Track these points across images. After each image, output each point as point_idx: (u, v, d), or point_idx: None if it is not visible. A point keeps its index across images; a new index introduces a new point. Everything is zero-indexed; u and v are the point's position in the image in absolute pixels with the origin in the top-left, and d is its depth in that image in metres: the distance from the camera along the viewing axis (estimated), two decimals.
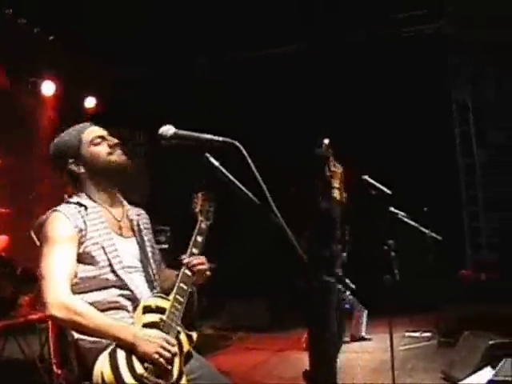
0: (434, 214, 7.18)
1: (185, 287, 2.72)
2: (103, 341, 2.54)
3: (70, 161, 2.83)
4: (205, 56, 9.60)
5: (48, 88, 8.58)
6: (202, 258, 2.82)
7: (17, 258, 6.87)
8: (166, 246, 7.17)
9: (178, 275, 2.76)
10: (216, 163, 2.49)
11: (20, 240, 6.99)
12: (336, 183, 4.99)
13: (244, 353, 7.56)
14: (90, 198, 2.82)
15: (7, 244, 6.81)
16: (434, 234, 6.94)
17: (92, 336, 2.56)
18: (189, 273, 2.75)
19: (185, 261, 2.77)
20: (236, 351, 7.54)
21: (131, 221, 2.91)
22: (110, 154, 2.84)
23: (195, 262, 2.78)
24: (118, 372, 2.44)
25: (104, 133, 2.90)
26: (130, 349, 2.50)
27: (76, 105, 8.99)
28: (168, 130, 2.52)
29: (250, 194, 2.42)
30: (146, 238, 2.93)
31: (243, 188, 2.44)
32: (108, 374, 2.42)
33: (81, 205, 2.77)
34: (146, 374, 2.47)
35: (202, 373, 2.75)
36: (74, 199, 2.80)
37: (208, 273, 2.84)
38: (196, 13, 8.42)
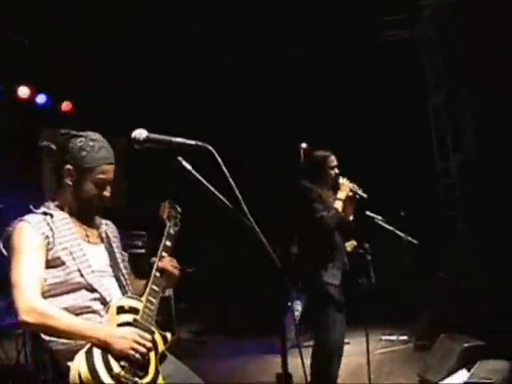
0: (411, 217, 7.23)
1: (156, 289, 2.79)
2: (77, 342, 2.55)
3: (68, 167, 2.82)
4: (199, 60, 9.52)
5: (23, 92, 8.55)
6: (172, 261, 2.91)
7: None
8: (142, 251, 7.16)
9: (148, 278, 2.82)
10: (189, 167, 2.49)
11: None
12: (341, 195, 4.97)
13: (220, 358, 7.54)
14: (59, 208, 2.85)
15: None
16: (410, 238, 6.98)
17: (65, 338, 2.58)
18: (159, 275, 2.84)
19: (155, 264, 2.85)
20: (212, 356, 7.51)
21: (98, 229, 2.96)
22: (101, 191, 2.87)
23: (165, 264, 2.88)
24: (95, 371, 2.46)
25: (111, 177, 2.88)
26: (106, 348, 2.52)
27: (52, 109, 8.95)
28: (140, 133, 2.50)
29: (222, 198, 2.42)
30: (114, 245, 2.98)
31: (216, 192, 2.44)
32: (85, 374, 2.44)
33: (47, 214, 2.79)
34: (122, 373, 2.50)
35: (179, 376, 2.79)
36: (41, 210, 2.83)
37: (177, 274, 2.92)
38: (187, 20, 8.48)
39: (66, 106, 8.93)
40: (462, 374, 5.15)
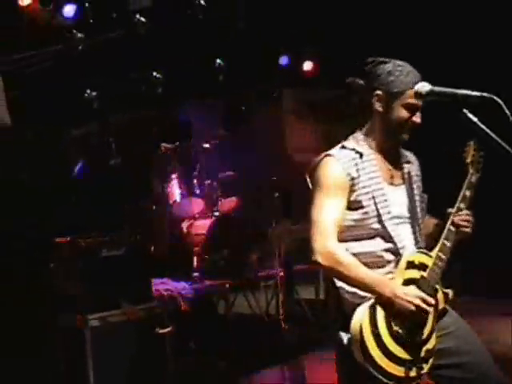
0: None
1: (448, 244, 2.70)
2: (366, 294, 2.60)
3: (378, 93, 2.74)
4: None
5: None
6: (469, 215, 2.77)
7: (245, 218, 7.25)
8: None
9: (439, 228, 2.76)
10: (475, 119, 2.41)
11: (247, 202, 7.38)
12: None
13: (469, 317, 7.33)
14: (368, 144, 2.80)
15: (236, 205, 7.17)
16: None
17: (351, 286, 2.64)
18: (453, 229, 2.73)
19: (453, 217, 2.74)
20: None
21: (402, 168, 2.86)
22: (412, 116, 2.75)
23: (462, 218, 2.75)
24: (376, 326, 2.51)
25: (420, 103, 2.74)
26: (387, 304, 2.54)
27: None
28: (423, 86, 2.49)
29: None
30: (415, 186, 2.86)
31: (505, 145, 2.34)
32: (366, 328, 2.50)
33: (356, 152, 2.76)
34: (400, 331, 2.53)
35: (456, 328, 2.75)
36: (351, 144, 2.79)
37: (469, 230, 2.77)
38: None
39: (308, 66, 9.12)
40: None
